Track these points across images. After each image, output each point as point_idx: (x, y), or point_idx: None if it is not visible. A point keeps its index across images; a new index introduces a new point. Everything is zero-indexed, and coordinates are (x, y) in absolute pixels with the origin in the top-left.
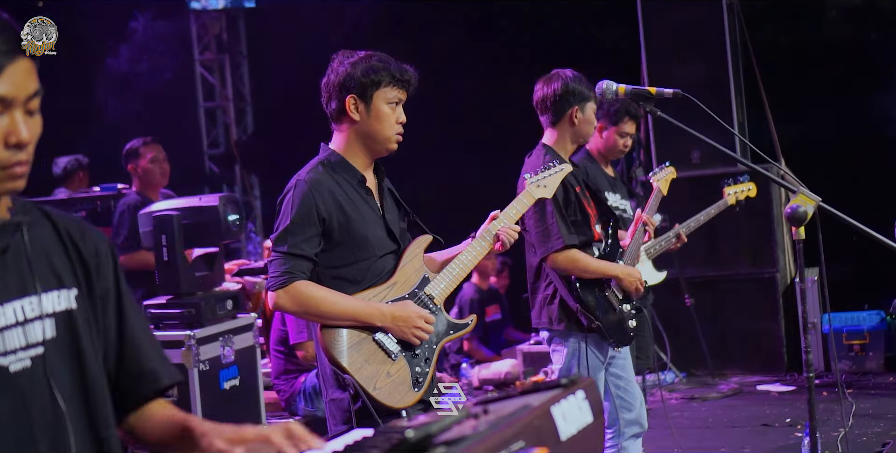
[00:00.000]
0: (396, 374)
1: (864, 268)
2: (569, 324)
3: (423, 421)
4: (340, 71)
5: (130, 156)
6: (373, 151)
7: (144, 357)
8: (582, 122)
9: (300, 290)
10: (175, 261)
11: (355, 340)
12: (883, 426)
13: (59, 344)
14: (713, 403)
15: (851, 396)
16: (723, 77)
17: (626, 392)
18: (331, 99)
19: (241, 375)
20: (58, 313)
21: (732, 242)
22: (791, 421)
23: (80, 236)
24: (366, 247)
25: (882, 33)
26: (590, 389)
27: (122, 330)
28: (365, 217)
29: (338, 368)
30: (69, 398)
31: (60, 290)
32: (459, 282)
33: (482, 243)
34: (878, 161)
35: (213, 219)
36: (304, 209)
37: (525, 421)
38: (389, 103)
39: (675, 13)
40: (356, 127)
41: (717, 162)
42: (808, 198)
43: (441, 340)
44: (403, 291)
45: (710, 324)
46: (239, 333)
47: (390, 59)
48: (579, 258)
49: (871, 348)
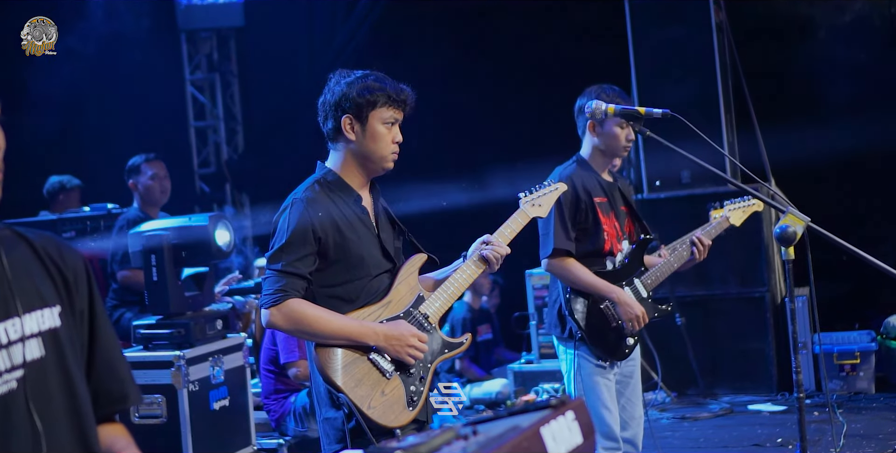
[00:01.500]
0: (391, 393)
1: (853, 289)
2: (563, 330)
3: (413, 441)
4: (336, 90)
5: (132, 172)
6: (369, 170)
7: (114, 376)
8: (601, 136)
9: (293, 308)
10: (165, 281)
11: (350, 359)
12: (875, 446)
13: (47, 363)
14: (704, 423)
15: (842, 416)
16: (712, 96)
17: (623, 409)
18: (327, 118)
19: (230, 395)
20: (44, 332)
21: (722, 262)
22: (783, 442)
23: (57, 254)
24: (361, 267)
25: (872, 53)
26: (579, 410)
27: (94, 348)
28: (360, 236)
29: (332, 387)
30: (56, 417)
31: (44, 309)
32: (454, 300)
33: (474, 264)
34: (867, 181)
35: (204, 239)
36: (300, 228)
37: (514, 443)
38: (385, 123)
39: (665, 32)
40: (352, 146)
41: (707, 182)
42: (798, 218)
43: (436, 359)
44: (398, 310)
45: (701, 344)
46: (229, 353)
47: (387, 79)
48: (571, 267)
49: (861, 368)
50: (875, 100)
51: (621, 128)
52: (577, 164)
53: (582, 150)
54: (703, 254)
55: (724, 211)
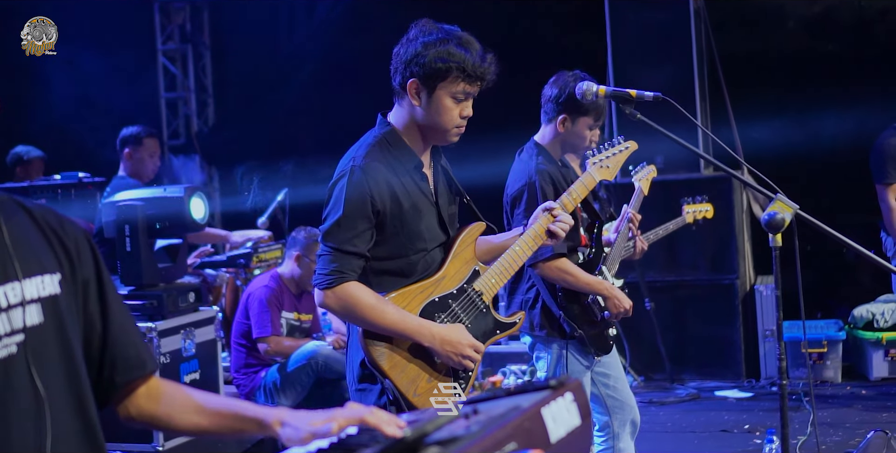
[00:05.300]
0: (437, 381)
1: (815, 279)
2: (551, 330)
3: (418, 420)
4: (411, 48)
5: (130, 141)
6: (429, 139)
7: (130, 344)
8: (568, 132)
9: (350, 293)
10: (138, 252)
11: (397, 342)
12: (842, 434)
13: (46, 329)
14: (672, 408)
15: (809, 405)
16: (688, 82)
17: (615, 390)
18: (396, 72)
19: (201, 369)
20: (44, 298)
21: (693, 248)
22: (750, 428)
23: (57, 223)
24: (418, 241)
25: (839, 44)
26: (577, 391)
27: (107, 317)
28: (419, 207)
29: (378, 372)
30: (56, 384)
31: (44, 276)
32: (511, 276)
33: (536, 236)
34: (838, 168)
35: (179, 210)
36: (358, 201)
37: (516, 423)
38: (454, 96)
39: (643, 17)
40: (415, 112)
41: (680, 168)
42: (786, 205)
43: (487, 340)
44: (451, 287)
45: (669, 329)
46: (200, 326)
47: (471, 47)
48: (570, 270)
49: (828, 357)
50: (842, 90)
51: (590, 131)
52: (541, 156)
53: (540, 137)
54: (637, 228)
55: (635, 182)
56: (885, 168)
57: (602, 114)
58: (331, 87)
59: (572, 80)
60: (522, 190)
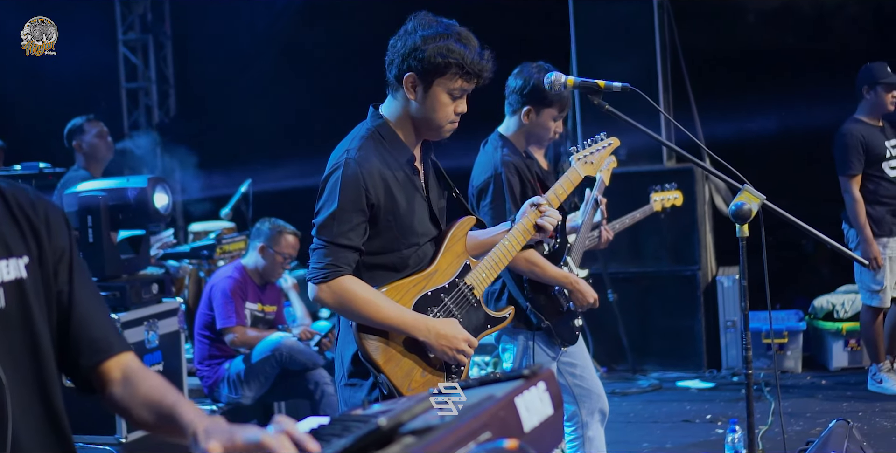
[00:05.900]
0: (431, 374)
1: (774, 269)
2: (517, 321)
3: (393, 409)
4: (409, 41)
5: (75, 132)
6: (422, 134)
7: (96, 324)
8: (533, 123)
9: (344, 287)
10: (100, 243)
11: (391, 336)
12: (802, 424)
13: (8, 314)
14: (634, 398)
15: (770, 395)
16: (652, 74)
17: (582, 379)
18: (392, 63)
19: (164, 360)
20: (6, 282)
21: (655, 239)
22: (712, 418)
23: (28, 204)
24: (411, 235)
25: (798, 37)
26: (550, 381)
27: (73, 296)
28: (411, 201)
29: (372, 366)
30: (18, 370)
31: (9, 259)
32: (501, 270)
33: (524, 231)
34: (800, 160)
35: (141, 201)
36: (352, 194)
37: (491, 413)
38: (451, 92)
39: (607, 9)
40: (410, 106)
41: (643, 160)
42: (753, 195)
43: (478, 334)
44: (443, 281)
45: (632, 320)
46: (164, 318)
47: (469, 43)
48: (538, 263)
49: (789, 347)
50: (800, 84)
51: (554, 122)
52: (506, 147)
53: (504, 128)
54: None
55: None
56: (848, 159)
57: (566, 105)
58: (292, 77)
59: (537, 71)
60: (488, 182)
